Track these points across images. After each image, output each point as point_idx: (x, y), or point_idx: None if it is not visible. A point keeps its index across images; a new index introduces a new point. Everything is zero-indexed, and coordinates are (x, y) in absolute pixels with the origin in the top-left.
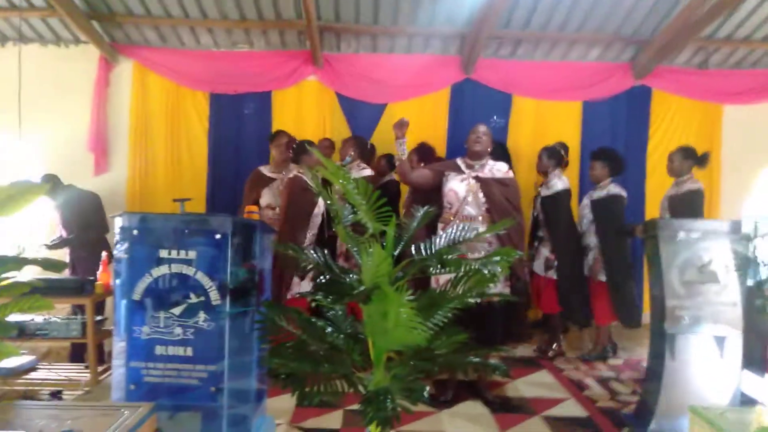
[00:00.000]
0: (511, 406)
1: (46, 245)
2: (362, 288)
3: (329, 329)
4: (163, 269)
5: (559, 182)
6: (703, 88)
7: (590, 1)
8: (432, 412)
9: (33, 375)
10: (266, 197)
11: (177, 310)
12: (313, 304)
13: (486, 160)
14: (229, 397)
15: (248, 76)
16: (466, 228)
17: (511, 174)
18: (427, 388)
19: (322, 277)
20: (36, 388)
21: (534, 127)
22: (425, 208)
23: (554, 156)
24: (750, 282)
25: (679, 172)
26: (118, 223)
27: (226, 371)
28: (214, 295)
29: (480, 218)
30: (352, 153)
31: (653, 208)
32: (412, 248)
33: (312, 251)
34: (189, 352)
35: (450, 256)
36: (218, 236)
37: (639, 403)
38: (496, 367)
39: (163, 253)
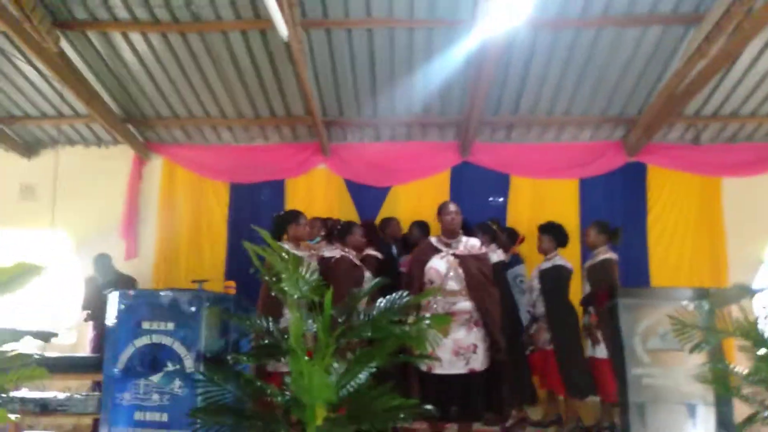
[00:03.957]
0: None
1: (86, 316)
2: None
3: (268, 390)
4: (145, 339)
5: (494, 255)
6: (697, 163)
7: (573, 85)
8: None
9: None
10: None
11: (155, 378)
12: None
13: (460, 236)
14: None
15: (263, 166)
16: (399, 297)
17: (484, 249)
18: None
19: (262, 341)
20: None
21: (532, 205)
22: (377, 279)
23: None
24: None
25: (594, 244)
26: (111, 300)
27: None
28: (189, 363)
29: (462, 292)
30: (322, 233)
31: (658, 279)
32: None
33: (259, 320)
34: (164, 417)
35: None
36: (193, 309)
37: None
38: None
39: (146, 325)
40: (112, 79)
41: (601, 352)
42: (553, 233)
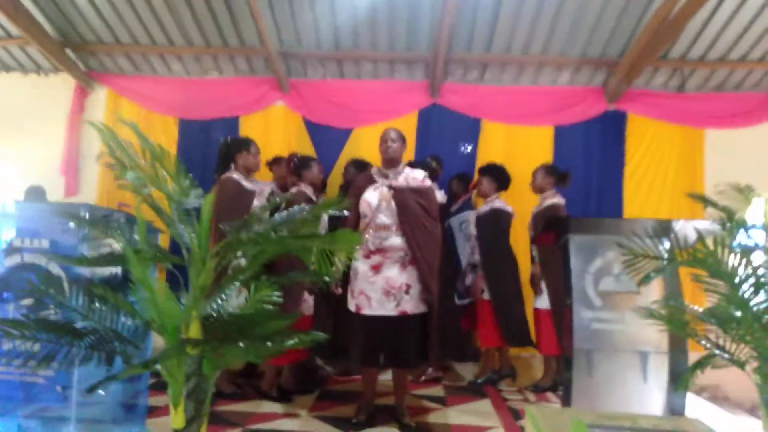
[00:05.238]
0: None
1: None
2: None
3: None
4: (16, 258)
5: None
6: (681, 112)
7: (549, 22)
8: None
9: None
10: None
11: (28, 302)
12: None
13: (402, 168)
14: (80, 401)
15: (216, 102)
16: (299, 211)
17: (427, 182)
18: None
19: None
20: None
21: (504, 153)
22: (275, 199)
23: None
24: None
25: (540, 188)
26: None
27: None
28: (65, 286)
29: (394, 227)
30: None
31: None
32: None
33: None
34: (36, 347)
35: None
36: (71, 225)
37: None
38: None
39: (17, 242)
40: None
41: (543, 302)
42: (494, 175)
